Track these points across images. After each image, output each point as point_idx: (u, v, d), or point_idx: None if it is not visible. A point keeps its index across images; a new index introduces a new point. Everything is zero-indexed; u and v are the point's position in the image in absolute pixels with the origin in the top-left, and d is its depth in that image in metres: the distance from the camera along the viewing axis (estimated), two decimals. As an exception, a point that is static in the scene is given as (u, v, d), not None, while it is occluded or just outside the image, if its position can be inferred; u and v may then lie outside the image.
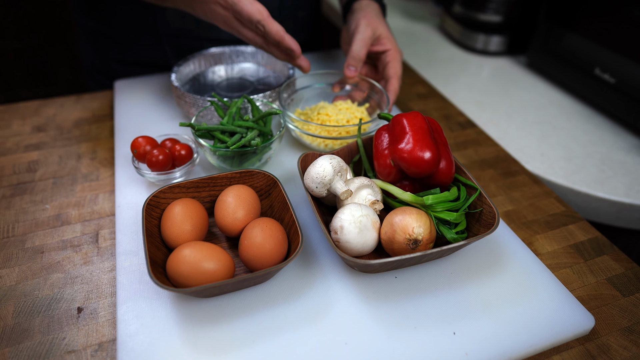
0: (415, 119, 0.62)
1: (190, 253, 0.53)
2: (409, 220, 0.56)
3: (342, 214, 0.57)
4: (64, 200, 0.71)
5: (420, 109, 0.97)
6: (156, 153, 0.67)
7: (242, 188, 0.61)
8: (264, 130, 0.70)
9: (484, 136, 0.89)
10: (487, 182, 0.77)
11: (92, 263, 0.62)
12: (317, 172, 0.59)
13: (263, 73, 0.95)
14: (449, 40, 1.32)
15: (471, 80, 1.12)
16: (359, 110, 0.82)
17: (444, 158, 0.61)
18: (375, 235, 0.58)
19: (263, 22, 0.67)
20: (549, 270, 0.61)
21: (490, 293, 0.57)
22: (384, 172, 0.62)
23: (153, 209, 0.60)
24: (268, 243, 0.55)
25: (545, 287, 0.58)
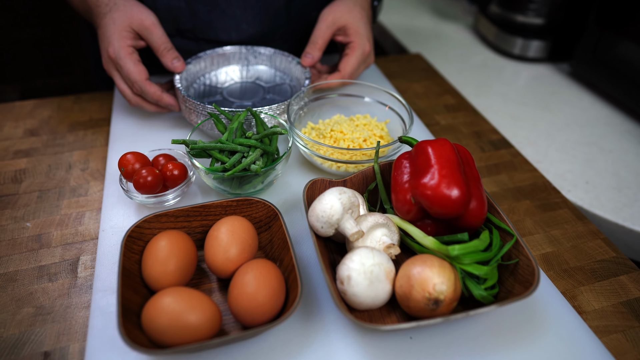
0: (443, 148, 0.52)
1: (171, 302, 0.46)
2: (430, 275, 0.47)
3: (351, 262, 0.48)
4: (47, 217, 0.65)
5: (448, 124, 0.87)
6: (144, 173, 0.59)
7: (238, 221, 0.53)
8: (268, 150, 0.62)
9: (519, 159, 0.79)
10: (522, 217, 0.67)
11: (67, 296, 0.55)
12: (323, 210, 0.50)
13: (279, 79, 0.86)
14: (483, 43, 1.21)
15: (506, 91, 1.01)
16: (379, 127, 0.73)
17: (474, 197, 0.51)
18: (389, 287, 0.49)
19: (140, 83, 0.71)
20: (595, 335, 0.51)
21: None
22: (403, 209, 0.53)
23: (135, 242, 0.53)
24: (261, 294, 0.47)
25: (590, 357, 0.48)
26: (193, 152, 0.61)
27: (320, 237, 0.53)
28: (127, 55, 0.70)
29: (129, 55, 0.71)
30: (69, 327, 0.52)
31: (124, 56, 0.70)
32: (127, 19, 0.71)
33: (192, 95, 0.81)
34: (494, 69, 1.09)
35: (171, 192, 0.61)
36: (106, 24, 0.72)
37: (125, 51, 0.70)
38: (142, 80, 0.71)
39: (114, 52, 0.71)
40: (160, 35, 0.73)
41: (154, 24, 0.72)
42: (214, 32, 0.84)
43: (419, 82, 0.99)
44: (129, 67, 0.70)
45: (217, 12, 0.82)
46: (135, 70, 0.70)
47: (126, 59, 0.70)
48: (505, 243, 0.52)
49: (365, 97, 0.77)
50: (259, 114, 0.67)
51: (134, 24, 0.71)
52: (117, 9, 0.72)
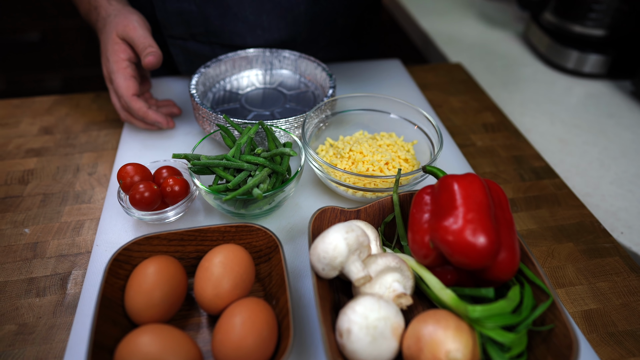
0: (471, 186, 0.45)
1: (149, 342, 0.41)
2: (443, 337, 0.40)
3: (352, 313, 0.42)
4: (46, 224, 0.62)
5: (485, 146, 0.78)
6: (141, 189, 0.55)
7: (233, 252, 0.48)
8: (277, 170, 0.56)
9: (565, 191, 0.69)
10: (563, 262, 0.59)
11: (52, 315, 0.52)
12: (326, 251, 0.44)
13: (303, 86, 0.80)
14: (533, 54, 1.10)
15: (556, 110, 0.90)
16: (404, 148, 0.66)
17: (505, 247, 0.44)
18: (395, 345, 0.42)
19: (126, 98, 0.69)
20: None
21: None
22: (420, 252, 0.46)
23: (122, 266, 0.48)
24: (248, 341, 0.41)
25: None
26: (194, 168, 0.56)
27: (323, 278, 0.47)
28: (119, 69, 0.69)
29: (122, 69, 0.69)
30: (48, 350, 0.49)
31: (116, 70, 0.69)
32: (114, 30, 0.69)
33: (209, 101, 0.77)
34: (543, 83, 0.99)
35: (171, 209, 0.57)
36: (102, 39, 0.72)
37: (118, 65, 0.69)
38: (128, 95, 0.69)
39: (108, 67, 0.70)
40: (139, 35, 0.69)
41: (134, 27, 0.69)
42: (228, 37, 0.79)
43: (457, 96, 0.91)
44: (118, 82, 0.69)
45: (229, 17, 0.77)
46: (124, 85, 0.68)
47: (117, 73, 0.69)
48: (539, 304, 0.44)
49: (391, 113, 0.70)
50: (271, 129, 0.61)
51: (120, 33, 0.69)
52: (109, 22, 0.71)
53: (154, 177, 0.60)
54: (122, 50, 0.69)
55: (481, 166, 0.74)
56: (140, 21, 0.71)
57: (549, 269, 0.58)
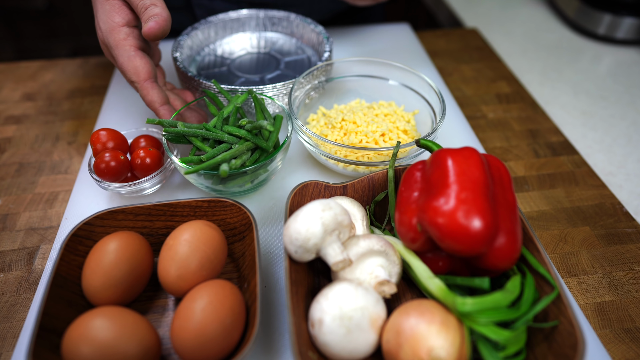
0: (467, 162, 0.39)
1: (101, 326, 0.37)
2: (426, 332, 0.35)
3: (326, 301, 0.37)
4: (19, 195, 0.59)
5: (497, 118, 0.71)
6: (107, 158, 0.50)
7: (202, 229, 0.43)
8: (261, 145, 0.51)
9: (584, 169, 0.62)
10: (576, 248, 0.52)
11: (16, 292, 0.49)
12: (298, 232, 0.39)
13: (299, 50, 0.74)
14: (559, 19, 1.00)
15: (581, 79, 0.82)
16: (404, 118, 0.60)
17: (503, 231, 0.38)
18: (373, 338, 0.37)
19: (138, 86, 0.52)
20: None
21: None
22: (407, 235, 0.41)
23: (82, 242, 0.44)
24: (209, 329, 0.37)
25: None
26: (168, 136, 0.51)
27: (296, 261, 0.42)
28: (118, 43, 0.52)
29: (122, 42, 0.51)
30: (7, 329, 0.45)
31: (115, 45, 0.52)
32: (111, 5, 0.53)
33: (196, 65, 0.71)
34: (568, 51, 0.90)
35: (141, 182, 0.52)
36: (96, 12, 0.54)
37: (116, 36, 0.52)
38: (139, 81, 0.52)
39: (105, 39, 0.53)
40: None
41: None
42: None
43: (470, 64, 0.83)
44: (122, 62, 0.52)
45: None
46: (130, 67, 0.51)
47: (118, 49, 0.52)
48: (542, 297, 0.38)
49: (389, 79, 0.63)
50: (262, 100, 0.56)
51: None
52: None
53: (130, 146, 0.55)
54: (116, 9, 0.52)
55: (491, 140, 0.67)
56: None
57: (560, 255, 0.51)
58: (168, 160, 0.54)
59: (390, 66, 0.62)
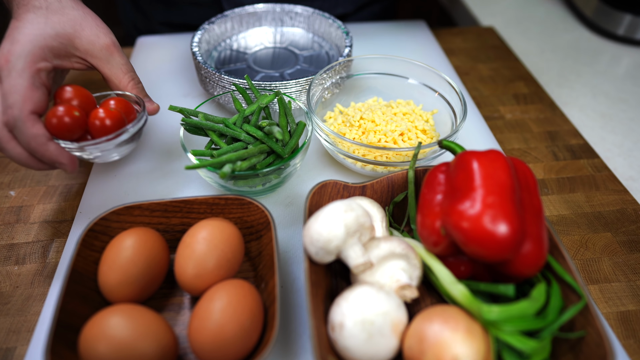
0: (493, 165, 0.38)
1: (118, 324, 0.36)
2: (450, 340, 0.34)
3: (347, 305, 0.36)
4: (33, 187, 0.58)
5: (515, 119, 0.70)
6: (59, 112, 0.44)
7: (220, 227, 0.43)
8: (276, 149, 0.49)
9: (605, 174, 0.61)
10: (598, 255, 0.51)
11: (30, 285, 0.48)
12: (319, 233, 0.38)
13: (317, 46, 0.73)
14: (577, 18, 0.98)
15: (600, 81, 0.81)
16: (423, 117, 0.59)
17: (530, 237, 0.37)
18: (395, 343, 0.37)
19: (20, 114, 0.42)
20: None
21: None
22: (429, 239, 0.40)
23: (98, 237, 0.44)
24: (227, 329, 0.36)
25: None
26: (186, 126, 0.50)
27: (316, 263, 0.41)
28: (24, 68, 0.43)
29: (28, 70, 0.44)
30: (22, 323, 0.45)
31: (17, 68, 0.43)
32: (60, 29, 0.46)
33: (213, 60, 0.70)
34: (587, 52, 0.88)
35: (105, 139, 0.46)
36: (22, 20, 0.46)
37: (26, 65, 0.43)
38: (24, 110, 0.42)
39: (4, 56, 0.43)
40: (120, 64, 0.50)
41: (114, 44, 0.50)
42: None
43: (487, 63, 0.82)
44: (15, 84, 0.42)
45: None
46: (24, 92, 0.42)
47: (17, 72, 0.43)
48: (568, 306, 0.38)
49: (409, 78, 0.62)
50: (289, 104, 0.54)
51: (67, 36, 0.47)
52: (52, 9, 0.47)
53: (99, 107, 0.49)
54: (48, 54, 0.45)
55: (509, 142, 0.66)
56: (110, 35, 0.49)
57: (581, 261, 0.51)
58: (132, 123, 0.49)
59: (409, 64, 0.61)
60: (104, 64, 0.49)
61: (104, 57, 0.49)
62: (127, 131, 0.48)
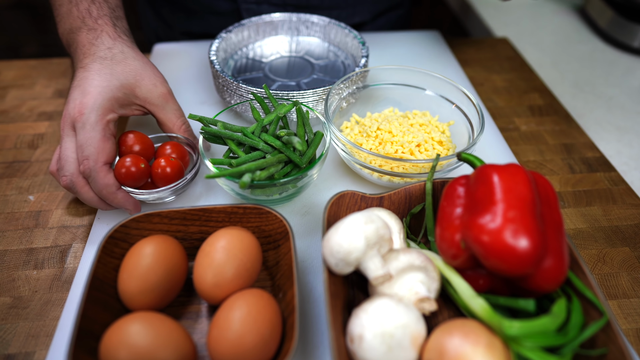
0: (514, 179, 0.38)
1: (139, 332, 0.37)
2: (471, 354, 0.34)
3: (366, 317, 0.36)
4: (51, 192, 0.59)
5: (530, 131, 0.70)
6: (127, 163, 0.50)
7: (238, 236, 0.43)
8: (294, 159, 0.50)
9: (622, 187, 0.61)
10: (615, 269, 0.51)
11: (49, 290, 0.49)
12: (340, 245, 0.38)
13: (332, 55, 0.74)
14: (592, 30, 0.98)
15: (615, 93, 0.80)
16: (439, 129, 0.59)
17: (551, 252, 0.37)
18: (414, 356, 0.37)
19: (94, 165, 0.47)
20: None
21: None
22: (448, 252, 0.40)
23: (118, 244, 0.44)
24: (247, 339, 0.37)
25: None
26: (205, 134, 0.51)
27: (335, 274, 0.41)
28: (97, 121, 0.48)
29: (100, 122, 0.48)
30: (40, 328, 0.46)
31: (91, 121, 0.48)
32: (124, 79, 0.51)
33: (230, 69, 0.71)
34: (602, 63, 0.88)
35: (169, 188, 0.52)
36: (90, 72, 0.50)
37: (97, 117, 0.48)
38: (98, 162, 0.47)
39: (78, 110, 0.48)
40: (172, 110, 0.55)
41: (169, 92, 0.55)
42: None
43: (501, 74, 0.82)
44: (91, 136, 0.47)
45: None
46: (98, 145, 0.47)
47: (91, 125, 0.48)
48: (589, 322, 0.37)
49: (426, 89, 0.62)
50: (307, 114, 0.55)
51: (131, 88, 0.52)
52: (117, 60, 0.52)
53: (156, 151, 0.55)
54: (115, 105, 0.50)
55: (525, 153, 0.66)
56: (165, 84, 0.54)
57: (599, 276, 0.50)
58: (189, 172, 0.53)
59: (426, 75, 0.61)
60: (160, 110, 0.54)
61: (160, 104, 0.54)
62: (186, 179, 0.52)
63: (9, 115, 0.71)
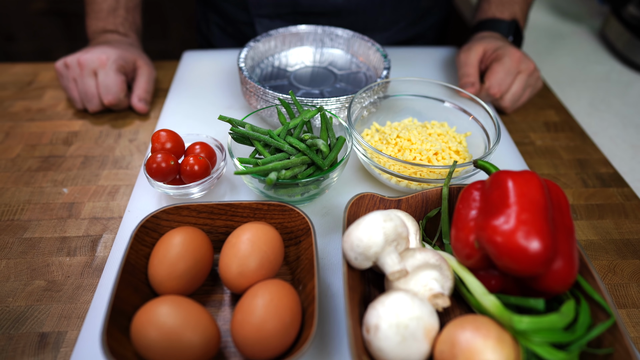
0: (528, 184, 0.40)
1: (167, 314, 0.39)
2: (481, 347, 0.35)
3: (383, 308, 0.38)
4: (84, 186, 0.62)
5: (546, 146, 0.71)
6: (158, 159, 0.53)
7: (263, 230, 0.46)
8: (317, 161, 0.52)
9: (635, 203, 0.62)
10: (626, 280, 0.52)
11: (80, 276, 0.52)
12: (360, 239, 0.40)
13: (354, 66, 0.77)
14: (609, 51, 1.00)
15: (630, 112, 0.82)
16: (456, 139, 0.61)
17: (561, 254, 0.39)
18: (426, 348, 0.38)
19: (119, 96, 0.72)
20: None
21: None
22: (463, 252, 0.42)
23: (149, 233, 0.47)
24: (269, 325, 0.39)
25: None
26: (234, 135, 0.54)
27: (355, 268, 0.43)
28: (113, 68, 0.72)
29: (115, 69, 0.72)
30: (72, 310, 0.48)
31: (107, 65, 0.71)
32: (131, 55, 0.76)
33: (257, 76, 0.74)
34: (618, 84, 0.90)
35: (197, 184, 0.55)
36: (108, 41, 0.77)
37: (112, 67, 0.72)
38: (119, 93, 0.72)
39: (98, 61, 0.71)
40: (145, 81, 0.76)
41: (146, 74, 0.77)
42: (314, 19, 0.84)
43: (518, 90, 0.84)
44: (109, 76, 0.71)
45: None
46: (116, 80, 0.71)
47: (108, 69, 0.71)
48: (597, 323, 0.39)
49: (445, 101, 0.65)
50: (330, 120, 0.58)
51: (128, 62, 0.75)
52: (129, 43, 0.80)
53: (186, 150, 0.58)
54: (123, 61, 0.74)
55: (539, 167, 0.67)
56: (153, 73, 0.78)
57: (609, 285, 0.51)
58: (215, 170, 0.57)
59: (445, 88, 0.64)
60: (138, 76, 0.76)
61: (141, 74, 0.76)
62: (212, 177, 0.56)
63: (45, 113, 0.75)
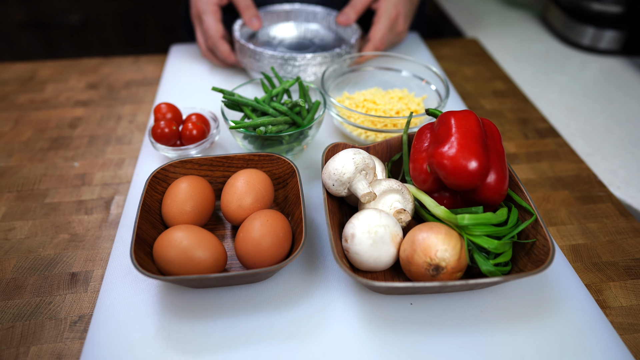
0: (466, 119, 0.51)
1: (182, 237, 0.48)
2: (434, 241, 0.46)
3: (356, 220, 0.48)
4: (92, 160, 0.70)
5: (493, 109, 0.83)
6: (162, 125, 0.63)
7: (256, 173, 0.55)
8: (297, 121, 0.62)
9: (566, 149, 0.74)
10: (557, 206, 0.63)
11: (99, 229, 0.60)
12: (335, 168, 0.50)
13: (334, 41, 0.87)
14: (550, 32, 1.13)
15: (566, 81, 0.94)
16: (415, 101, 0.72)
17: (494, 170, 0.49)
18: (393, 250, 0.48)
19: (215, 40, 0.80)
20: (615, 331, 0.47)
21: (527, 345, 0.45)
22: (419, 178, 0.52)
23: (159, 183, 0.56)
24: (266, 240, 0.48)
25: (605, 353, 0.45)
26: (227, 102, 0.63)
27: (333, 197, 0.53)
28: (210, 12, 0.80)
29: (212, 12, 0.80)
30: (95, 254, 0.57)
31: (208, 11, 0.80)
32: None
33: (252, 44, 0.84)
34: (557, 59, 1.03)
35: (194, 146, 0.64)
36: None
37: (210, 8, 0.80)
38: (217, 37, 0.80)
39: (199, 7, 0.81)
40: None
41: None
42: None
43: (470, 66, 0.96)
44: (209, 23, 0.79)
45: None
46: (214, 27, 0.79)
47: (208, 15, 0.79)
48: (524, 221, 0.50)
49: (402, 70, 0.75)
50: (307, 87, 0.68)
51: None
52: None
53: (184, 120, 0.67)
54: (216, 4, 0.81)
55: (488, 126, 0.79)
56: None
57: (544, 211, 0.62)
58: (210, 134, 0.66)
59: (402, 60, 0.75)
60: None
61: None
62: (208, 140, 0.65)
63: (49, 103, 0.83)
